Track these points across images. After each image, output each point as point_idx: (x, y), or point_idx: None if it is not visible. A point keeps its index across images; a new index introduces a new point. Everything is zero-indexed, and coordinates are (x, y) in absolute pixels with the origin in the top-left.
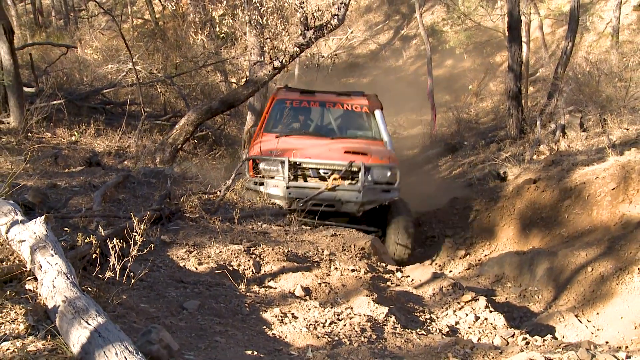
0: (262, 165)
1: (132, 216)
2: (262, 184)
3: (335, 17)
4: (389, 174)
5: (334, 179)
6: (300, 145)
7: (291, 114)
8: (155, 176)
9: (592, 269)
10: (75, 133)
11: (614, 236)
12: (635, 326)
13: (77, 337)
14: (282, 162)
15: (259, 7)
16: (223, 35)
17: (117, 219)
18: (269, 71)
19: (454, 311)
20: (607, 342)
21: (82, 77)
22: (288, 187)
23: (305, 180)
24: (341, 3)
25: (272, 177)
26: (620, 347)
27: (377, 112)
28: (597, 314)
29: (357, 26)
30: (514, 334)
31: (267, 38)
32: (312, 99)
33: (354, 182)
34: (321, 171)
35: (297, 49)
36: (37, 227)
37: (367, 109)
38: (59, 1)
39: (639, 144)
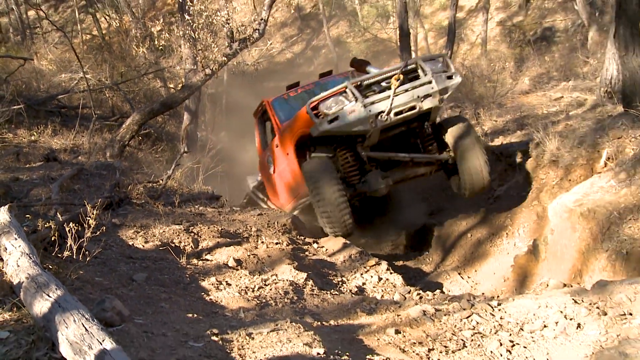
0: (323, 107)
1: (86, 203)
2: (335, 119)
3: (257, 31)
4: (439, 64)
5: (397, 78)
6: None
7: (295, 102)
8: (106, 169)
9: (471, 235)
10: (34, 133)
11: (487, 208)
12: (504, 279)
13: (40, 308)
14: (345, 89)
15: (192, 24)
16: (161, 47)
17: (73, 206)
18: (202, 77)
19: (361, 274)
20: (483, 294)
21: (39, 85)
22: (366, 106)
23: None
24: (261, 19)
25: (342, 109)
26: (493, 297)
27: (370, 67)
28: (476, 271)
29: (275, 38)
30: (410, 290)
31: (199, 49)
32: (302, 86)
33: (418, 78)
34: (383, 83)
35: (225, 58)
36: (2, 215)
37: (357, 71)
38: (16, 20)
39: (505, 133)
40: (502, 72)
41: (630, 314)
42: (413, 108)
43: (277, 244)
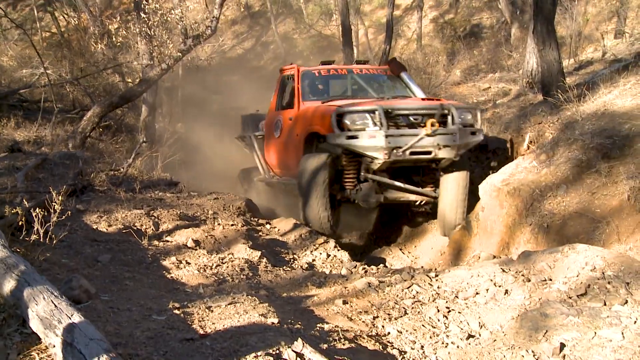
0: (348, 119)
1: (51, 190)
2: (354, 137)
3: (209, 28)
4: (470, 116)
5: (432, 124)
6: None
7: (323, 82)
8: (69, 158)
9: (411, 214)
10: None
11: None
12: (441, 254)
13: (10, 287)
14: (373, 112)
15: (147, 21)
16: (119, 44)
17: (38, 194)
18: (158, 72)
19: (311, 251)
20: (422, 267)
21: (0, 80)
22: (387, 136)
23: (397, 129)
24: (213, 17)
25: (363, 129)
26: (431, 269)
27: (404, 74)
28: (415, 247)
29: (227, 35)
30: (356, 265)
31: (155, 45)
32: (337, 67)
33: (444, 126)
34: (411, 118)
35: (180, 54)
36: None
37: (391, 72)
38: None
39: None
40: (436, 65)
41: (550, 280)
42: (429, 153)
43: (232, 225)
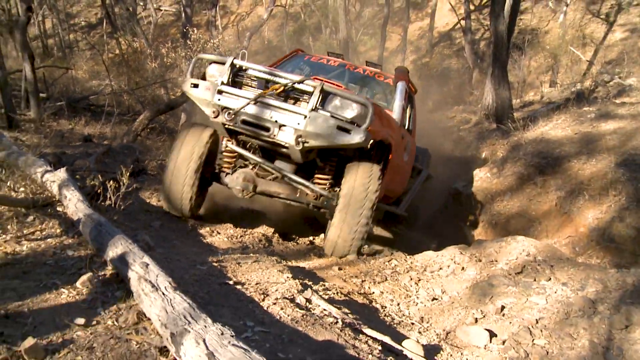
0: (208, 72)
1: (121, 168)
2: (196, 85)
3: (238, 55)
4: (356, 111)
5: (274, 88)
6: None
7: (303, 66)
8: (128, 149)
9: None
10: (72, 123)
11: None
12: None
13: (95, 235)
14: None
15: (191, 47)
16: (168, 64)
17: (106, 173)
18: None
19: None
20: (398, 250)
21: (76, 88)
22: (220, 91)
23: (240, 89)
24: (243, 47)
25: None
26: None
27: (400, 84)
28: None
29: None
30: None
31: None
32: (334, 59)
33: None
34: (270, 85)
35: None
36: (61, 174)
37: (391, 81)
38: (59, 40)
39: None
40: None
41: (496, 261)
42: (266, 129)
43: None
